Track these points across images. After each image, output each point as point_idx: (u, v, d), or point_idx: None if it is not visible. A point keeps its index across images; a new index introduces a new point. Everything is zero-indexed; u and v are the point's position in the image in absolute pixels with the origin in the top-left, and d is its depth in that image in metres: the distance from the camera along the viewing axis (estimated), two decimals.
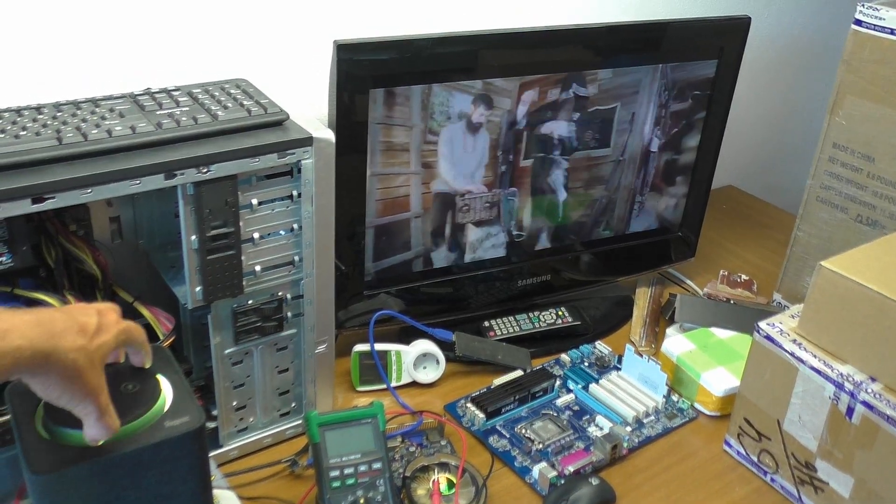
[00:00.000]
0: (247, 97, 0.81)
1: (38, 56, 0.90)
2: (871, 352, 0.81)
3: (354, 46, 0.89)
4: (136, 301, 0.83)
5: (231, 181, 0.76)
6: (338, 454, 0.80)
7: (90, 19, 0.91)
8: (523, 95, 1.01)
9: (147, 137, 0.73)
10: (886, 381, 0.80)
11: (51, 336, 0.53)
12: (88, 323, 0.56)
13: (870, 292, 0.79)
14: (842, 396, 0.81)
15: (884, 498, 0.80)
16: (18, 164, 0.67)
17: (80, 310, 0.58)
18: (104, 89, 0.82)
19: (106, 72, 0.94)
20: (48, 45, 0.90)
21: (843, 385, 0.81)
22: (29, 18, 0.88)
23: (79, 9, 0.90)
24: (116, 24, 0.93)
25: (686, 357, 1.03)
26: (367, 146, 0.95)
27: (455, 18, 1.14)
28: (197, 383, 0.90)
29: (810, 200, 1.13)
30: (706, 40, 1.11)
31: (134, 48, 0.95)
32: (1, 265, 0.71)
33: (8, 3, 0.86)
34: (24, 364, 0.52)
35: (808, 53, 1.59)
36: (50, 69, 0.91)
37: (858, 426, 0.80)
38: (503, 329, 1.12)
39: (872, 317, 0.79)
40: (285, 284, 0.85)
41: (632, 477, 0.91)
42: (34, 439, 0.60)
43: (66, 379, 0.54)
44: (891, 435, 0.78)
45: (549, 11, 1.22)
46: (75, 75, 0.92)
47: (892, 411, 0.77)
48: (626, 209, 1.18)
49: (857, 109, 1.05)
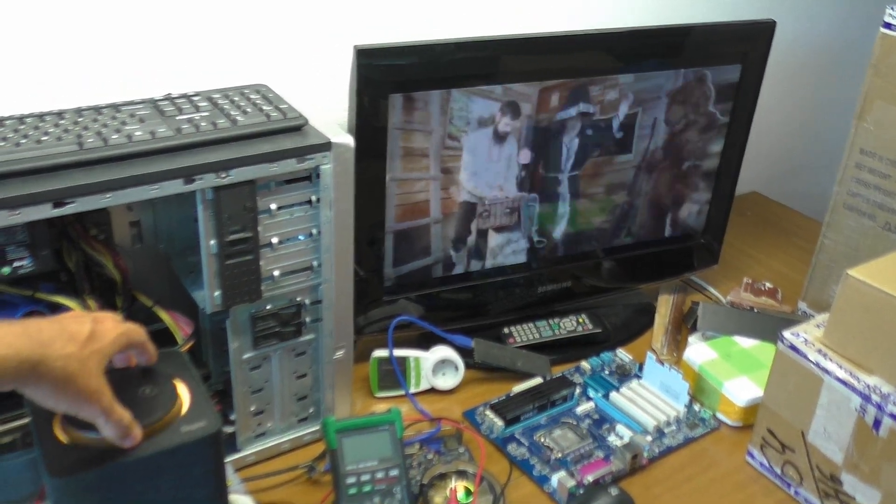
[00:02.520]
0: (266, 102, 0.82)
1: (59, 62, 0.91)
2: None
3: (374, 52, 0.89)
4: (156, 305, 0.83)
5: (250, 186, 0.76)
6: (355, 461, 0.80)
7: (112, 26, 0.92)
8: (543, 100, 1.01)
9: (167, 142, 0.73)
10: None
11: (38, 345, 0.54)
12: (80, 331, 0.57)
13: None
14: (868, 409, 0.80)
15: None
16: (40, 169, 0.68)
17: (72, 318, 0.59)
18: (125, 95, 0.83)
19: (127, 77, 0.94)
20: (69, 52, 0.91)
21: (870, 397, 0.80)
22: (51, 25, 0.89)
23: (100, 16, 0.91)
24: (138, 31, 0.94)
25: (708, 366, 1.02)
26: (386, 151, 0.95)
27: (474, 23, 1.14)
28: (215, 388, 0.90)
29: (837, 207, 1.12)
30: (730, 45, 1.11)
31: (155, 54, 0.96)
32: (23, 269, 0.72)
33: (31, 10, 0.87)
34: (10, 374, 0.53)
35: (835, 57, 1.58)
36: (71, 75, 0.92)
37: (886, 439, 0.79)
38: (523, 336, 1.11)
39: None
40: (304, 289, 0.85)
41: (652, 487, 0.91)
42: (53, 443, 0.61)
43: (59, 386, 0.55)
44: None
45: (570, 15, 1.21)
46: (96, 81, 0.93)
47: None
48: (648, 215, 1.17)
49: (885, 115, 1.04)
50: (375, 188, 0.96)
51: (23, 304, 0.76)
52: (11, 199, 0.65)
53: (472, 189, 1.03)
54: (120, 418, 0.59)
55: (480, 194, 1.03)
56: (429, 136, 0.97)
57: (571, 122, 1.04)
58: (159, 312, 0.83)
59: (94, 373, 0.57)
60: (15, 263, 0.72)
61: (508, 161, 1.03)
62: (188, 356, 0.71)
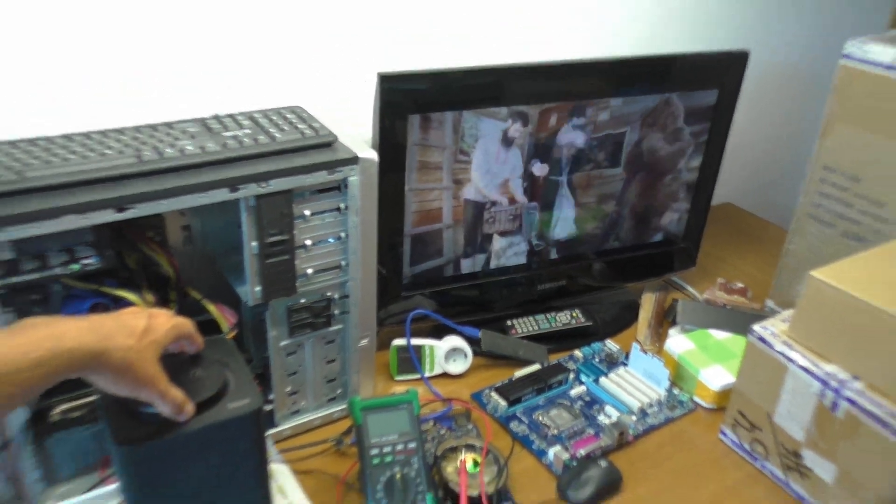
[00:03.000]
0: (301, 121, 0.82)
1: (122, 86, 0.91)
2: (854, 353, 0.79)
3: (395, 77, 0.89)
4: (204, 299, 0.83)
5: (287, 195, 0.77)
6: (378, 435, 0.80)
7: (166, 55, 0.92)
8: (543, 120, 1.01)
9: (214, 156, 0.74)
10: (868, 379, 0.78)
11: (101, 338, 0.55)
12: (137, 325, 0.58)
13: (854, 300, 0.78)
14: (827, 393, 0.80)
15: (863, 484, 0.78)
16: (104, 179, 0.69)
17: (131, 314, 0.59)
18: (178, 114, 0.83)
19: (180, 99, 0.95)
20: (132, 78, 0.91)
21: (829, 383, 0.80)
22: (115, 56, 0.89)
23: (159, 47, 0.91)
24: (191, 60, 0.94)
25: (686, 355, 1.01)
26: (405, 165, 0.95)
27: (484, 52, 1.13)
28: (256, 371, 0.90)
29: (802, 216, 1.11)
30: (708, 72, 1.10)
31: (205, 79, 0.96)
32: (89, 266, 0.72)
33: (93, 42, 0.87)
34: (77, 363, 0.54)
35: (802, 84, 1.57)
36: (131, 97, 0.92)
37: (843, 420, 0.79)
38: (523, 328, 1.11)
39: (856, 322, 0.78)
40: (333, 286, 0.86)
41: (636, 461, 0.90)
42: (117, 416, 0.61)
43: (119, 374, 0.56)
44: (871, 429, 0.76)
45: (568, 46, 1.21)
46: (153, 102, 0.93)
47: (873, 407, 0.76)
48: (634, 222, 1.17)
49: (845, 135, 1.03)
50: (396, 197, 0.96)
51: (89, 297, 0.76)
52: (80, 205, 0.66)
53: (483, 190, 1.02)
54: (174, 398, 0.59)
55: (489, 197, 1.03)
56: (443, 151, 0.97)
57: (568, 139, 1.04)
58: (207, 305, 0.83)
59: (150, 361, 0.58)
60: (83, 261, 0.71)
61: (518, 166, 1.03)
62: (233, 343, 0.71)
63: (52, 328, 0.53)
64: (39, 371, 0.51)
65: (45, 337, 0.52)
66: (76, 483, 0.80)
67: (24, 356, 0.51)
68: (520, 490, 0.85)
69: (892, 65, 0.95)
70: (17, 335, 0.52)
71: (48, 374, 0.52)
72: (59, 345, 0.52)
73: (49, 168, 0.68)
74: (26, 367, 0.51)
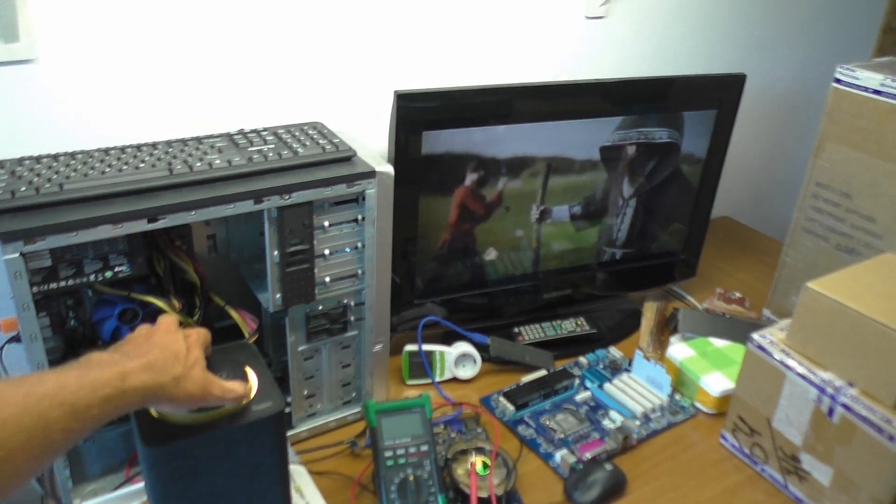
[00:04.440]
0: (322, 137, 0.83)
1: (154, 104, 0.92)
2: (849, 361, 0.80)
3: (411, 96, 0.90)
4: (227, 305, 0.84)
5: (308, 206, 0.77)
6: (391, 437, 0.80)
7: (197, 74, 0.93)
8: None
9: (240, 169, 0.75)
10: (862, 386, 0.79)
11: (157, 374, 0.57)
12: (180, 350, 0.60)
13: (849, 310, 0.79)
14: (824, 399, 0.80)
15: (859, 486, 0.79)
16: (137, 191, 0.70)
17: (170, 340, 0.61)
18: (206, 130, 0.84)
19: (208, 116, 0.96)
20: (163, 96, 0.92)
21: (825, 389, 0.80)
22: (148, 75, 0.90)
23: (188, 66, 0.92)
24: (218, 78, 0.95)
25: (687, 362, 1.02)
26: (419, 178, 0.95)
27: (497, 72, 1.15)
28: (275, 374, 0.89)
29: (796, 230, 1.12)
30: (707, 93, 1.11)
31: (231, 98, 0.97)
32: (121, 273, 0.73)
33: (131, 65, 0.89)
34: (140, 400, 0.56)
35: (796, 105, 1.58)
36: (163, 115, 0.93)
37: (839, 425, 0.79)
38: (530, 335, 1.11)
39: (851, 331, 0.79)
40: (350, 293, 0.86)
41: (640, 464, 0.90)
42: (147, 418, 0.62)
43: (181, 397, 0.59)
44: (866, 433, 0.77)
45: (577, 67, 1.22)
46: (184, 119, 0.94)
47: (867, 413, 0.76)
48: (638, 235, 1.17)
49: (836, 154, 1.04)
50: (410, 210, 0.97)
51: (119, 303, 0.77)
52: (114, 215, 0.67)
53: None
54: (232, 393, 0.62)
55: None
56: None
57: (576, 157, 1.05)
58: (230, 311, 0.84)
59: (199, 376, 0.60)
60: (116, 269, 0.73)
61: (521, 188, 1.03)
62: (256, 348, 0.72)
63: (116, 367, 0.55)
64: (108, 407, 0.53)
65: (113, 376, 0.54)
66: (104, 481, 0.80)
67: (94, 393, 0.52)
68: (528, 492, 0.85)
69: (879, 89, 0.97)
70: (86, 373, 0.53)
71: (115, 409, 0.53)
72: (124, 384, 0.54)
73: (87, 180, 0.69)
74: (96, 403, 0.52)
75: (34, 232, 0.64)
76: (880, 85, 0.97)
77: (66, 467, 0.76)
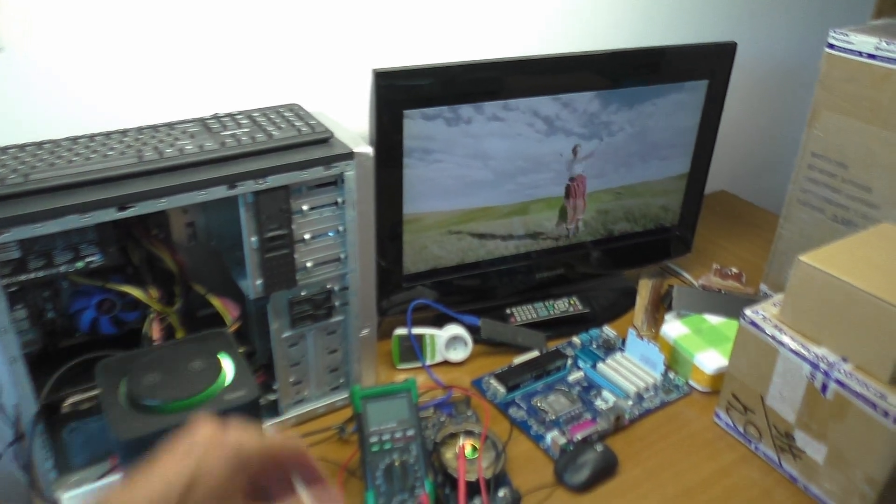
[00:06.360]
0: (298, 119, 0.81)
1: (125, 91, 0.91)
2: (843, 335, 0.77)
3: (390, 73, 0.88)
4: (209, 293, 0.83)
5: (284, 190, 0.76)
6: (377, 422, 0.79)
7: (168, 58, 0.92)
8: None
9: (213, 154, 0.73)
10: (856, 361, 0.76)
11: None
12: (171, 491, 0.42)
13: (842, 283, 0.76)
14: (817, 375, 0.78)
15: (852, 463, 0.77)
16: (106, 179, 0.68)
17: (171, 471, 0.43)
18: (181, 116, 0.83)
19: (182, 102, 0.94)
20: (134, 82, 0.91)
21: (819, 365, 0.78)
22: (118, 58, 0.89)
23: (159, 50, 0.91)
24: (191, 61, 0.93)
25: (682, 340, 1.00)
26: (402, 159, 0.94)
27: (480, 46, 1.12)
28: (260, 362, 0.89)
29: (792, 203, 1.09)
30: (698, 63, 1.08)
31: (203, 80, 0.95)
32: (93, 263, 0.72)
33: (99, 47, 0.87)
34: None
35: (790, 74, 1.54)
36: (135, 101, 0.92)
37: (832, 401, 0.77)
38: (523, 316, 1.10)
39: (844, 305, 0.76)
40: (333, 278, 0.85)
41: (633, 444, 0.89)
42: (118, 409, 0.61)
43: None
44: (860, 409, 0.74)
45: (562, 41, 1.20)
46: (155, 104, 0.93)
47: (861, 388, 0.74)
48: (630, 210, 1.15)
49: (831, 123, 1.01)
50: (395, 192, 0.95)
51: (96, 293, 0.76)
52: (82, 204, 0.65)
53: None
54: None
55: None
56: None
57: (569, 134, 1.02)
58: (211, 299, 0.83)
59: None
60: (87, 259, 0.71)
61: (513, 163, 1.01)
62: (233, 336, 0.71)
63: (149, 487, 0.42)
64: None
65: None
66: (88, 472, 0.79)
67: None
68: (518, 474, 0.84)
69: (873, 53, 0.93)
70: (128, 493, 0.43)
71: None
72: None
73: (53, 170, 0.68)
74: None
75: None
76: (875, 49, 0.93)
77: (49, 458, 0.75)
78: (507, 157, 0.99)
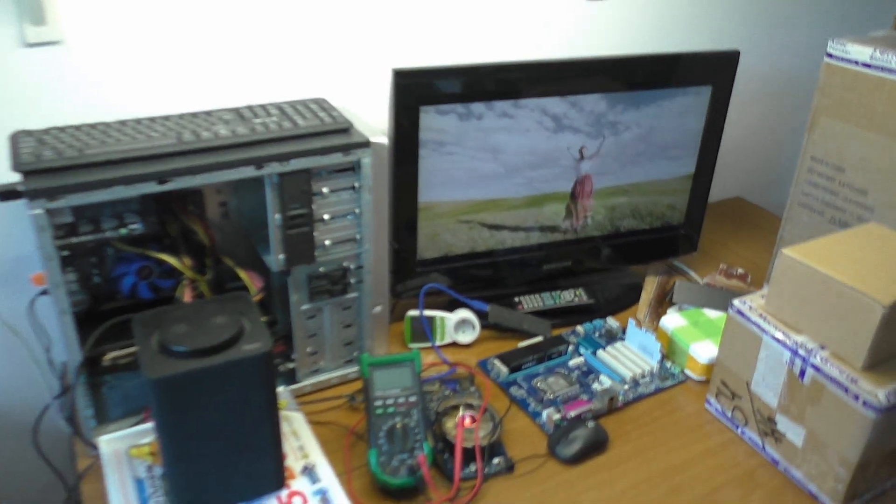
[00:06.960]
0: (322, 110, 0.88)
1: (169, 82, 0.99)
2: (821, 324, 0.82)
3: (408, 73, 0.94)
4: (237, 266, 0.90)
5: (306, 173, 0.82)
6: (382, 388, 0.85)
7: (208, 54, 0.99)
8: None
9: (243, 138, 0.80)
10: (833, 348, 0.81)
11: None
12: None
13: (820, 274, 0.81)
14: (796, 361, 0.83)
15: (828, 445, 0.81)
16: (149, 157, 0.76)
17: None
18: (216, 104, 0.90)
19: (219, 92, 1.02)
20: (177, 75, 0.99)
21: (798, 351, 0.83)
22: (162, 55, 0.97)
23: (200, 47, 0.98)
24: (228, 57, 1.01)
25: (679, 331, 1.04)
26: (418, 153, 1.00)
27: (495, 49, 1.18)
28: (281, 333, 0.96)
29: (793, 205, 1.13)
30: (702, 70, 1.12)
31: (242, 75, 1.02)
32: (135, 230, 0.80)
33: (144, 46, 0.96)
34: None
35: (801, 83, 1.57)
36: (177, 91, 0.99)
37: (809, 386, 0.82)
38: (530, 304, 1.14)
39: (822, 295, 0.81)
40: (349, 256, 0.91)
41: (624, 424, 0.94)
42: (150, 354, 0.68)
43: None
44: (832, 393, 0.79)
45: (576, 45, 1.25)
46: (195, 94, 1.00)
47: (836, 373, 0.79)
48: (638, 209, 1.19)
49: (829, 128, 1.05)
50: (411, 183, 1.01)
51: (136, 260, 0.84)
52: (127, 177, 0.73)
53: None
54: None
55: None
56: None
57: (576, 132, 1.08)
58: (238, 271, 0.90)
59: None
60: (130, 226, 0.79)
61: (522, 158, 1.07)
62: (250, 297, 0.77)
63: None
64: None
65: None
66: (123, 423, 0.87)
67: None
68: (513, 446, 0.90)
69: (868, 63, 0.98)
70: None
71: None
72: None
73: (103, 147, 0.76)
74: None
75: (56, 191, 0.71)
76: (869, 58, 0.98)
77: (90, 407, 0.84)
78: (516, 152, 1.05)
